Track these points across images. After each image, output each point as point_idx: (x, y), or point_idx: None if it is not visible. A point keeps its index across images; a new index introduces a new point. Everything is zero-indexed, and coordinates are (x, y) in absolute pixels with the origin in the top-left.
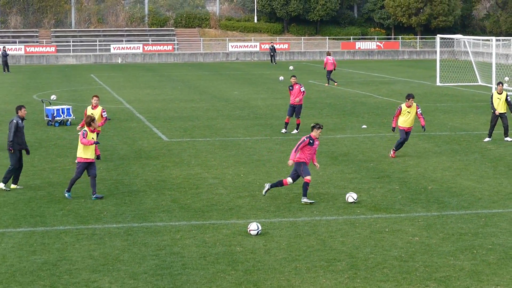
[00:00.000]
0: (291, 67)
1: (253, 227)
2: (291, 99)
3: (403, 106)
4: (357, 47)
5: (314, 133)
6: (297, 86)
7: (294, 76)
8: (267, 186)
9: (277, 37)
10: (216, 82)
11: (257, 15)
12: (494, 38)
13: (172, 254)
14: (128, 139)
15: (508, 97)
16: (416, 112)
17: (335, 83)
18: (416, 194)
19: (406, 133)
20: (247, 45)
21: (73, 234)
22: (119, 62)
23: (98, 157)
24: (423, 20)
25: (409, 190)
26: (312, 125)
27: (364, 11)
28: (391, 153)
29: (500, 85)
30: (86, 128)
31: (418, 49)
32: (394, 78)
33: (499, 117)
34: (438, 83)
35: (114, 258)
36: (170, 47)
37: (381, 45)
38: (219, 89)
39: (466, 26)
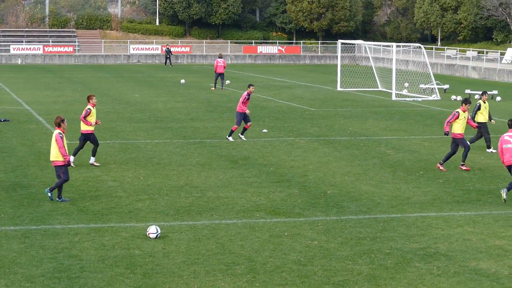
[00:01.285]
0: (182, 81)
1: (152, 230)
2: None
3: (460, 111)
4: (259, 51)
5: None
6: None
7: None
8: (503, 193)
9: (179, 40)
10: (117, 85)
11: (159, 18)
12: (394, 44)
13: (70, 257)
14: (27, 140)
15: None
16: (467, 118)
17: (212, 88)
18: (315, 198)
19: (460, 140)
20: (149, 48)
21: None
22: (19, 63)
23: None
24: (324, 25)
25: (308, 194)
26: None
27: (266, 15)
28: (441, 167)
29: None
30: (59, 130)
31: (319, 54)
32: (295, 83)
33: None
34: (338, 88)
35: (10, 261)
36: (71, 49)
37: (283, 50)
38: (120, 92)
39: (367, 31)
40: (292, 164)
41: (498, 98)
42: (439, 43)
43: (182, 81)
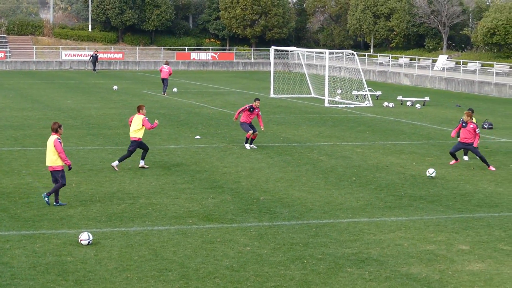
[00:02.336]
0: (115, 87)
1: (84, 237)
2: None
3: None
4: (192, 58)
5: None
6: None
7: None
8: None
9: (112, 46)
10: (48, 91)
11: (91, 24)
12: (327, 50)
13: (0, 264)
14: None
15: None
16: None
17: (163, 93)
18: (248, 204)
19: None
20: (81, 54)
21: None
22: None
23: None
24: (258, 31)
25: (241, 200)
26: None
27: (200, 22)
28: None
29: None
30: (57, 136)
31: (252, 60)
32: (228, 89)
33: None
34: (271, 95)
35: None
36: (2, 55)
37: (216, 56)
38: (51, 98)
39: (300, 38)
40: (225, 171)
41: (418, 106)
42: (371, 50)
43: (115, 87)
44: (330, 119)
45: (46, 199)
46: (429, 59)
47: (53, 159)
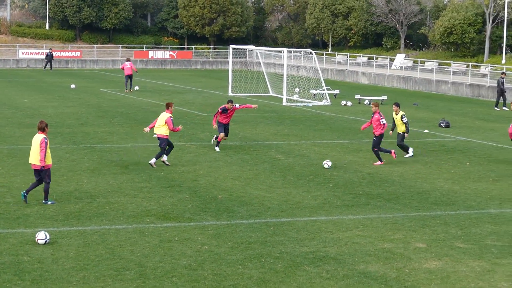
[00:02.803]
0: (72, 86)
1: (41, 236)
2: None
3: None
4: (150, 56)
5: None
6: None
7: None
8: None
9: (69, 45)
10: (5, 90)
11: (49, 22)
12: (285, 49)
13: None
14: None
15: (404, 118)
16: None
17: (126, 90)
18: (206, 203)
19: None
20: (38, 52)
21: None
22: None
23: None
24: (216, 30)
25: (199, 199)
26: None
27: (158, 20)
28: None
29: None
30: (44, 135)
31: (211, 59)
32: (186, 88)
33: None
34: (230, 93)
35: None
36: None
37: (174, 55)
38: (8, 97)
39: (258, 37)
40: (183, 169)
41: (366, 102)
42: (330, 49)
43: (73, 86)
44: (288, 117)
45: (50, 202)
46: (387, 58)
47: (38, 158)
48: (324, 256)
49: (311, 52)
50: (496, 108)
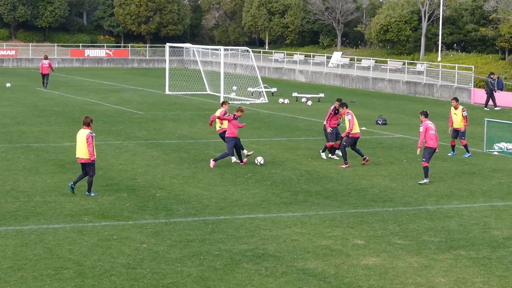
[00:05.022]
0: (8, 84)
1: None
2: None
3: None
4: (86, 55)
5: None
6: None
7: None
8: None
9: (4, 43)
10: None
11: None
12: (222, 47)
13: None
14: None
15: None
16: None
17: (44, 89)
18: (144, 201)
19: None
20: None
21: None
22: None
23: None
24: (152, 28)
25: (137, 197)
26: None
27: (94, 18)
28: None
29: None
30: (89, 130)
31: (147, 57)
32: (123, 86)
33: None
34: (167, 92)
35: None
36: None
37: (111, 53)
38: None
39: (195, 35)
40: (121, 168)
41: (309, 103)
42: (266, 47)
43: (8, 84)
44: None
45: (92, 194)
46: (324, 55)
47: (85, 152)
48: (263, 254)
49: (248, 50)
50: (486, 108)
